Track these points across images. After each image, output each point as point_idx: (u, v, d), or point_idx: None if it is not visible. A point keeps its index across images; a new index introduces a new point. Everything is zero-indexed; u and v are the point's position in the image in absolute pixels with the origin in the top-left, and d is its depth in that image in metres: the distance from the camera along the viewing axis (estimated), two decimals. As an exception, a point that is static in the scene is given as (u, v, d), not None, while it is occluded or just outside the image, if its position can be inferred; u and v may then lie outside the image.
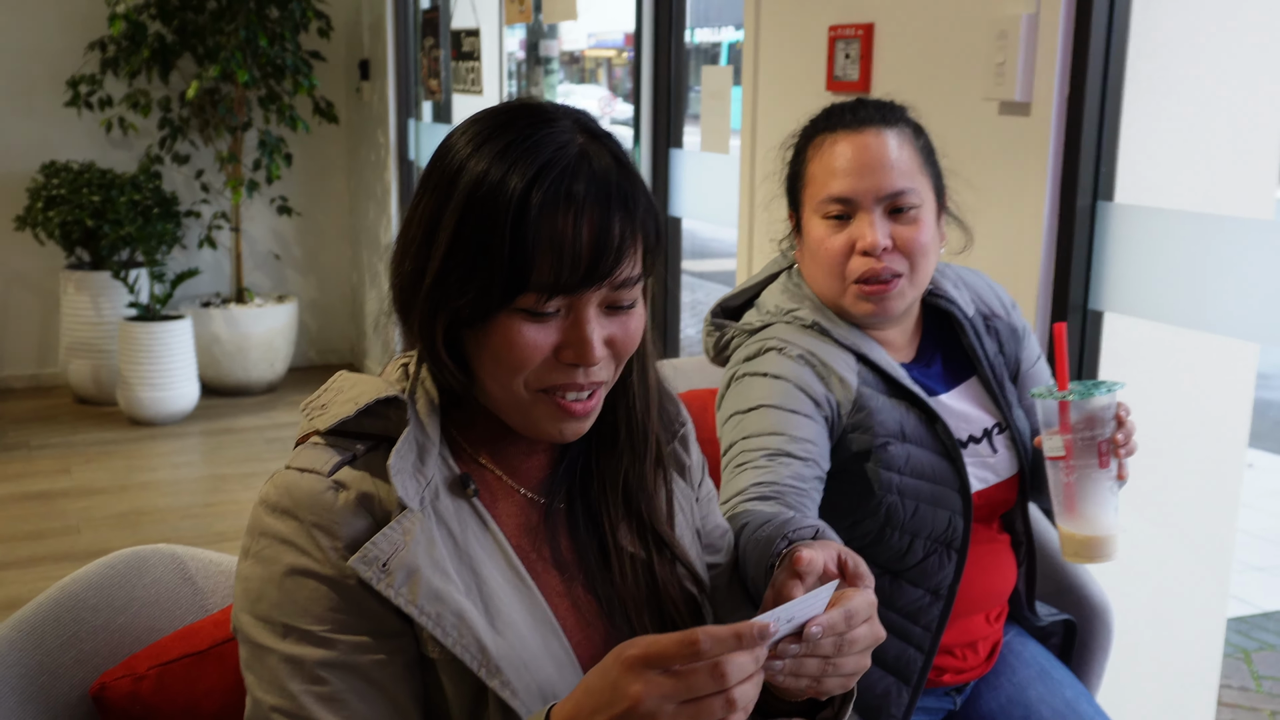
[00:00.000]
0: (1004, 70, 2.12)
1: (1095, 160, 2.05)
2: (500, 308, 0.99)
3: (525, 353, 1.00)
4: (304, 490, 0.99)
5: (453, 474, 1.05)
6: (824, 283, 1.59)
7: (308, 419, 1.06)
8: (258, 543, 1.01)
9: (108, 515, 4.20)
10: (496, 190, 0.97)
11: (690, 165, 3.42)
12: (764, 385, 1.52)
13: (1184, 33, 2.09)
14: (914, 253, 1.54)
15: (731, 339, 1.66)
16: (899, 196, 1.53)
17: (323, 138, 6.01)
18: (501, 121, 1.02)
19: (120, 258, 5.37)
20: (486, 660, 0.98)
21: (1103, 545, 1.39)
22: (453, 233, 0.99)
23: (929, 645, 1.56)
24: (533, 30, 9.53)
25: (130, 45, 5.26)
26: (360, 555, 0.97)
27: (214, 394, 5.62)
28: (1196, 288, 1.95)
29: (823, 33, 2.62)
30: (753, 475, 1.42)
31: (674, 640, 0.83)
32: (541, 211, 0.96)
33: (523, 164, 0.97)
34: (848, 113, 1.58)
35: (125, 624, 1.27)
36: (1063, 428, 1.36)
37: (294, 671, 0.97)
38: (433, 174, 1.03)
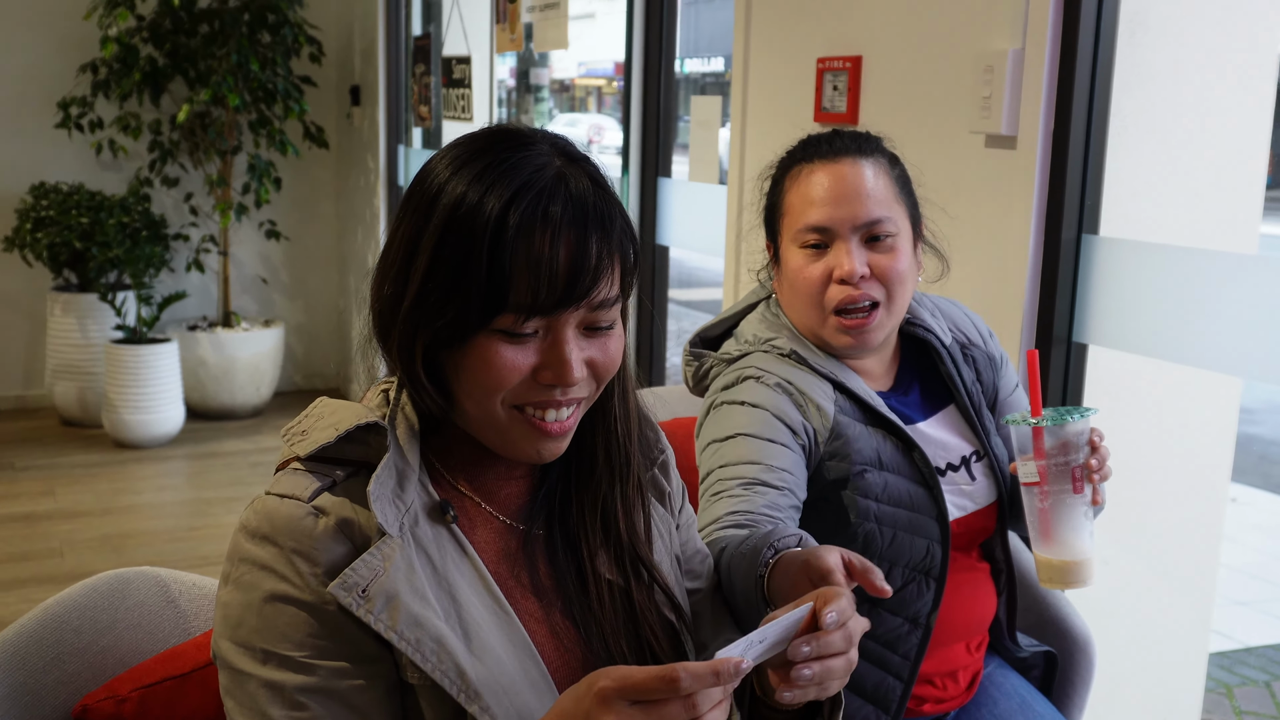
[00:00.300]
0: (990, 104, 2.14)
1: (1080, 193, 2.07)
2: (478, 329, 1.00)
3: (503, 373, 1.01)
4: (283, 516, 1.00)
5: (432, 500, 1.06)
6: (802, 312, 1.60)
7: (288, 445, 1.07)
8: (237, 569, 1.01)
9: (91, 538, 4.18)
10: (474, 212, 0.98)
11: (678, 194, 3.44)
12: (742, 414, 1.53)
13: (1167, 69, 2.11)
14: (891, 281, 1.55)
15: (710, 368, 1.66)
16: (875, 225, 1.55)
17: (312, 162, 6.02)
18: (480, 145, 1.03)
19: (108, 280, 5.36)
20: (466, 686, 0.98)
21: (1078, 571, 1.39)
22: (431, 255, 1.00)
23: (908, 674, 1.56)
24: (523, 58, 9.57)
25: (122, 68, 5.27)
26: (340, 581, 0.97)
27: (199, 418, 5.60)
28: (1180, 321, 1.97)
29: (811, 64, 2.65)
30: (728, 504, 1.42)
31: (653, 675, 0.84)
32: (519, 232, 0.98)
33: (500, 185, 0.99)
34: (824, 143, 1.60)
35: (108, 646, 1.27)
36: (1037, 454, 1.38)
37: (274, 697, 0.97)
38: (412, 197, 1.04)
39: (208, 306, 5.97)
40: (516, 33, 4.13)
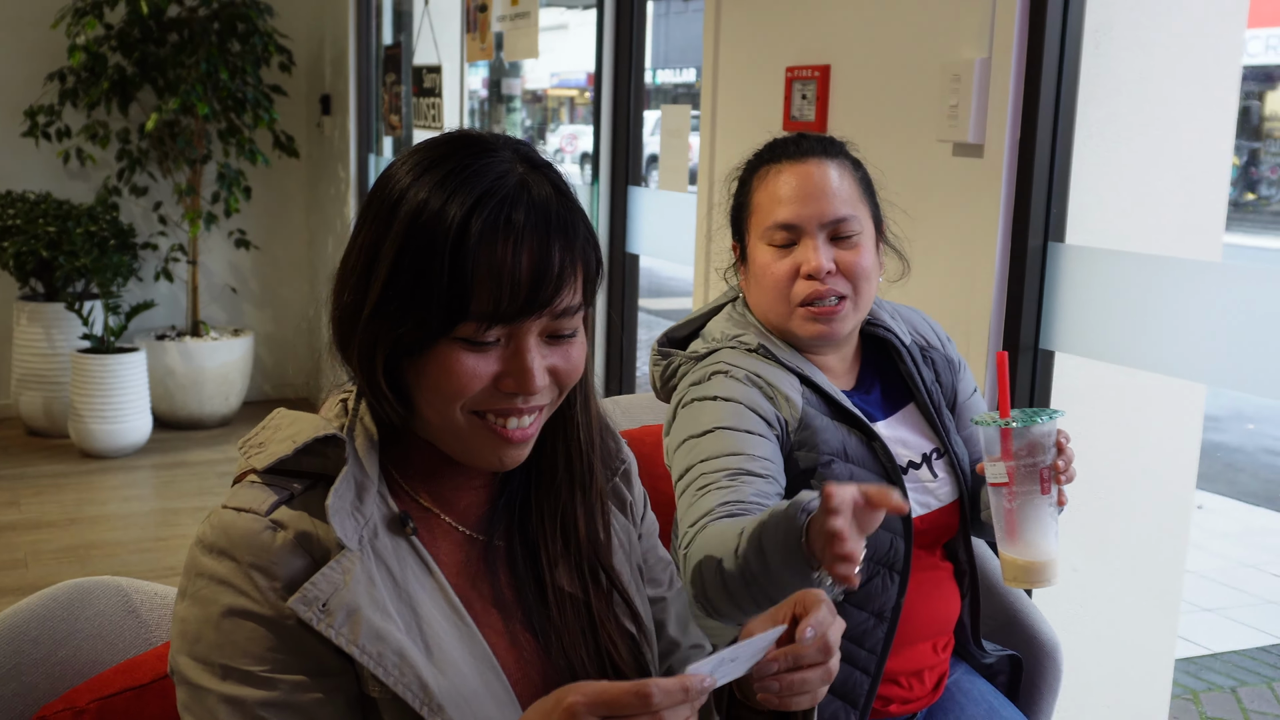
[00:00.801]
0: (957, 112, 2.15)
1: (1046, 201, 2.08)
2: (439, 336, 0.99)
3: (464, 381, 0.99)
4: (240, 530, 0.98)
5: (391, 513, 1.05)
6: (769, 307, 1.63)
7: (245, 457, 1.05)
8: (194, 583, 0.99)
9: (56, 549, 4.14)
10: (436, 219, 0.97)
11: (648, 203, 3.44)
12: (716, 408, 1.54)
13: (1133, 78, 2.13)
14: (856, 276, 1.60)
15: (678, 366, 1.68)
16: (841, 223, 1.59)
17: (282, 172, 5.99)
18: (442, 151, 1.02)
19: (75, 289, 5.32)
20: (429, 699, 0.98)
21: (1043, 570, 1.40)
22: (392, 262, 0.99)
23: (874, 669, 1.57)
24: (495, 68, 9.55)
25: (90, 76, 5.23)
26: (300, 596, 0.96)
27: (167, 427, 5.56)
28: (1146, 328, 1.98)
29: (780, 73, 2.66)
30: (719, 495, 1.43)
31: (625, 690, 0.83)
32: (481, 239, 0.97)
33: (462, 193, 0.98)
34: (791, 145, 1.65)
35: (67, 657, 1.25)
36: (1005, 454, 1.39)
37: (234, 713, 0.95)
38: (373, 204, 1.03)
39: (176, 316, 5.92)
40: (487, 42, 4.13)
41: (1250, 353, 1.86)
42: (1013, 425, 1.37)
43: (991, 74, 2.10)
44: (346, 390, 1.09)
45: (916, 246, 1.85)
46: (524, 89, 17.46)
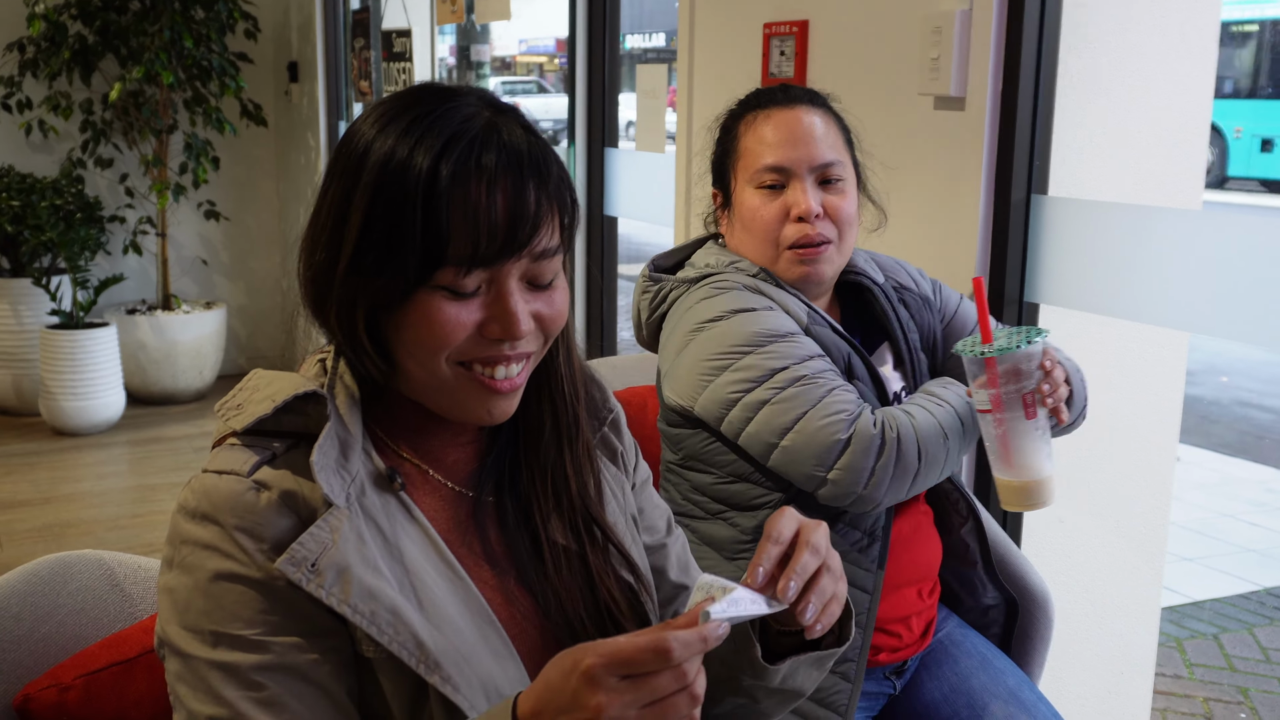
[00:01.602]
0: (939, 65, 2.13)
1: (1029, 154, 2.07)
2: (418, 285, 0.96)
3: (447, 330, 0.97)
4: (223, 493, 0.96)
5: (378, 469, 1.03)
6: (755, 250, 1.67)
7: (223, 420, 1.03)
8: (179, 551, 0.97)
9: (31, 528, 4.09)
10: (405, 166, 0.95)
11: (625, 164, 3.41)
12: (763, 318, 1.57)
13: (1114, 28, 2.12)
14: (842, 221, 1.64)
15: (670, 290, 1.70)
16: (829, 168, 1.64)
17: (251, 141, 5.91)
18: (405, 102, 1.00)
19: (41, 264, 5.24)
20: (425, 656, 0.96)
21: (1037, 491, 1.41)
22: (364, 214, 0.96)
23: (873, 585, 1.60)
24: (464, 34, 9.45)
25: (50, 46, 5.14)
26: (288, 556, 0.94)
27: (140, 403, 5.50)
28: (1129, 278, 1.98)
29: (758, 30, 2.62)
30: (847, 393, 1.54)
31: (642, 648, 0.81)
32: (453, 182, 0.94)
33: (429, 138, 0.96)
34: (778, 93, 1.69)
35: (50, 633, 1.23)
36: (990, 381, 1.39)
37: (228, 678, 0.93)
38: (339, 159, 1.00)
39: (147, 289, 5.85)
40: (457, 4, 4.07)
41: (1231, 300, 1.86)
42: (993, 353, 1.37)
43: (973, 25, 2.07)
44: (324, 351, 1.08)
45: (900, 201, 1.84)
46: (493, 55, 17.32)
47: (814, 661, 1.04)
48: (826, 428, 1.50)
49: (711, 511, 1.65)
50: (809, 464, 1.51)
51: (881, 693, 1.71)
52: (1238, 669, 3.40)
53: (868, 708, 1.70)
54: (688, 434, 1.65)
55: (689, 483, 1.67)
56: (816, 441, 1.50)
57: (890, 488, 1.52)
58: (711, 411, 1.58)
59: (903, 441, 1.51)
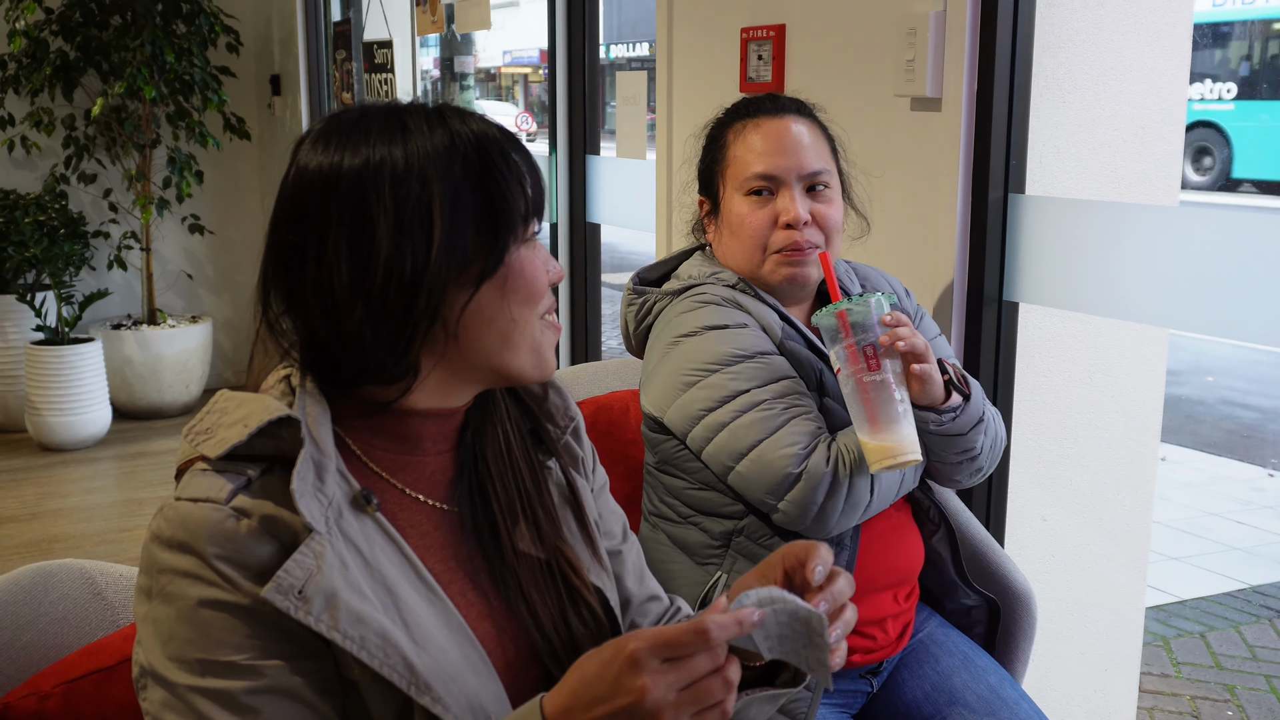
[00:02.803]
0: (914, 67, 2.14)
1: (1005, 153, 2.08)
2: (510, 244, 1.03)
3: (540, 278, 1.05)
4: (199, 520, 0.95)
5: (353, 490, 1.02)
6: (743, 256, 1.69)
7: (191, 444, 1.01)
8: (158, 580, 0.96)
9: (18, 544, 4.07)
10: (452, 147, 1.01)
11: (607, 171, 3.42)
12: (738, 336, 1.60)
13: (1088, 27, 2.13)
14: (829, 228, 1.67)
15: (654, 303, 1.73)
16: (817, 176, 1.66)
17: (234, 154, 5.91)
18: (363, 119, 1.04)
19: (26, 280, 5.22)
20: (416, 678, 0.96)
21: (895, 448, 1.43)
22: (447, 207, 1.00)
23: None
24: (447, 45, 9.46)
25: (31, 62, 5.13)
26: (274, 585, 0.93)
27: (127, 417, 5.48)
28: (1107, 276, 1.99)
29: (735, 34, 2.64)
30: (807, 424, 1.55)
31: (684, 630, 0.85)
32: (506, 145, 1.03)
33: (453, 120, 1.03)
34: (767, 102, 1.72)
35: (31, 641, 1.23)
36: (844, 334, 1.43)
37: (221, 706, 0.93)
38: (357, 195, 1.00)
39: (132, 304, 5.84)
40: (438, 15, 4.08)
41: (1210, 296, 1.87)
42: (842, 307, 1.42)
43: (947, 26, 2.09)
44: (287, 367, 1.07)
45: (877, 202, 1.86)
46: (477, 67, 17.33)
47: (768, 699, 1.05)
48: (779, 460, 1.52)
49: (683, 515, 1.67)
50: (760, 491, 1.54)
51: (858, 691, 1.71)
52: (1225, 667, 3.41)
53: (845, 705, 1.70)
54: (662, 439, 1.68)
55: (664, 486, 1.69)
56: (769, 472, 1.52)
57: (840, 521, 1.55)
58: (678, 425, 1.61)
59: (855, 478, 1.52)
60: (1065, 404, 2.24)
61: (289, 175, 1.04)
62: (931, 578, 1.80)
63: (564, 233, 3.54)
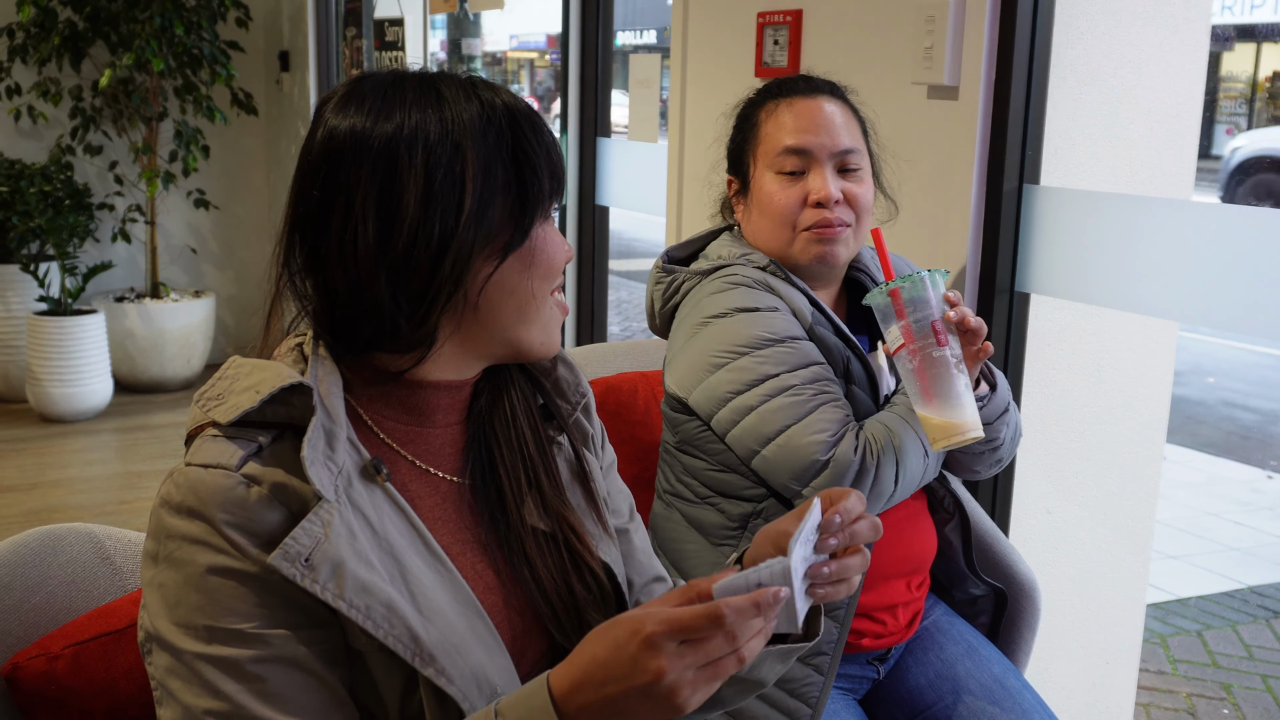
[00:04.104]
0: (932, 54, 2.13)
1: (1021, 143, 2.07)
2: (536, 219, 1.04)
3: (560, 254, 1.07)
4: (210, 487, 0.95)
5: (363, 459, 1.02)
6: (773, 234, 1.67)
7: (203, 410, 1.01)
8: (166, 546, 0.96)
9: (18, 513, 4.07)
10: (490, 117, 1.02)
11: (618, 154, 3.41)
12: (769, 319, 1.59)
13: (1107, 19, 2.12)
14: (860, 207, 1.66)
15: (683, 282, 1.71)
16: (848, 155, 1.66)
17: (241, 130, 5.89)
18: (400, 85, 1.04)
19: (30, 251, 5.21)
20: (420, 649, 0.96)
21: (960, 425, 1.42)
22: (480, 175, 1.00)
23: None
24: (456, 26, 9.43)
25: (40, 32, 5.11)
26: (281, 552, 0.93)
27: (128, 391, 5.48)
28: (1120, 269, 1.98)
29: (751, 19, 2.62)
30: (836, 410, 1.54)
31: (699, 614, 0.84)
32: (533, 120, 1.04)
33: (491, 90, 1.04)
34: (800, 82, 1.71)
35: (40, 604, 1.23)
36: (898, 314, 1.42)
37: (226, 673, 0.92)
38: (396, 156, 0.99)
39: (135, 278, 5.83)
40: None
41: (1221, 291, 1.86)
42: (896, 285, 1.42)
43: (966, 14, 2.08)
44: (301, 335, 1.07)
45: (894, 190, 1.85)
46: (484, 50, 17.28)
47: (780, 654, 1.06)
48: (807, 446, 1.51)
49: (701, 496, 1.66)
50: (785, 477, 1.53)
51: (864, 677, 1.71)
52: (1221, 665, 3.42)
53: (851, 690, 1.71)
54: (684, 419, 1.66)
55: (683, 465, 1.68)
56: (796, 458, 1.51)
57: None
58: (704, 406, 1.60)
59: (881, 468, 1.51)
60: (1073, 397, 2.24)
61: (316, 135, 1.03)
62: (941, 567, 1.80)
63: (572, 215, 3.54)
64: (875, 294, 1.44)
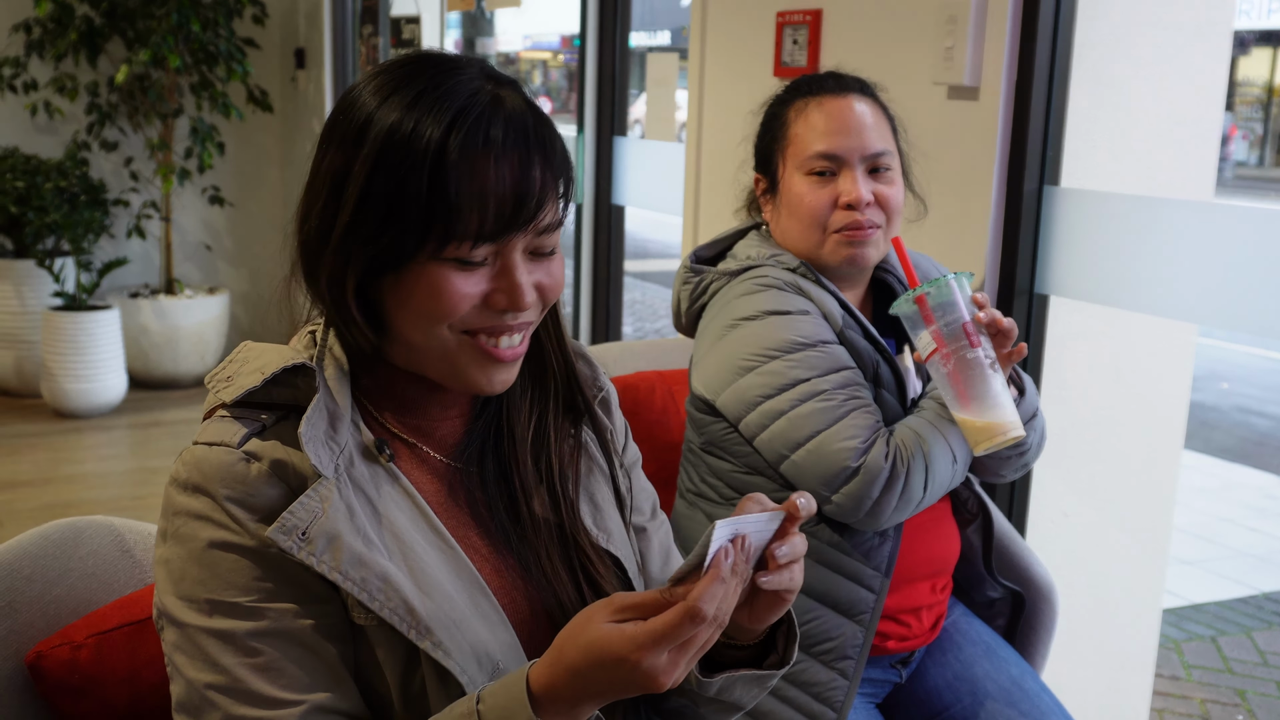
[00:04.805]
0: (953, 54, 2.13)
1: (1042, 144, 2.07)
2: (427, 257, 0.97)
3: (454, 301, 0.98)
4: (213, 464, 0.97)
5: (365, 441, 1.03)
6: (802, 235, 1.66)
7: (213, 392, 1.04)
8: (173, 523, 0.98)
9: (32, 507, 4.09)
10: (410, 139, 0.95)
11: (634, 152, 3.41)
12: (800, 323, 1.57)
13: (1129, 20, 2.11)
14: (891, 208, 1.64)
15: (710, 283, 1.70)
16: (879, 157, 1.64)
17: (256, 127, 5.91)
18: (408, 72, 1.00)
19: (45, 246, 5.23)
20: (416, 622, 0.96)
21: (1001, 426, 1.41)
22: (364, 184, 0.96)
23: (879, 586, 1.58)
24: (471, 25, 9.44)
25: (57, 27, 5.12)
26: (278, 525, 0.94)
27: (142, 386, 5.49)
28: (1140, 271, 1.97)
29: (770, 18, 2.62)
30: (868, 415, 1.53)
31: (677, 621, 0.86)
32: (461, 157, 0.95)
33: (436, 111, 0.96)
34: (830, 80, 1.69)
35: (62, 595, 1.23)
36: (926, 320, 1.42)
37: (225, 646, 0.94)
38: (337, 127, 1.00)
39: (150, 274, 5.84)
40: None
41: (1241, 294, 1.85)
42: (923, 291, 1.41)
43: (988, 14, 2.07)
44: (315, 324, 1.08)
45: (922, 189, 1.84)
46: (498, 50, 17.31)
47: (753, 680, 1.05)
48: (838, 452, 1.50)
49: (725, 497, 1.65)
50: (814, 482, 1.52)
51: (886, 681, 1.71)
52: (1235, 671, 3.40)
53: (872, 694, 1.70)
54: (710, 421, 1.65)
55: (707, 466, 1.67)
56: (826, 463, 1.50)
57: (892, 516, 1.53)
58: (732, 409, 1.59)
59: (911, 475, 1.51)
60: (1091, 400, 2.23)
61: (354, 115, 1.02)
62: (960, 569, 1.79)
63: (588, 215, 3.54)
64: (902, 302, 1.43)
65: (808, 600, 1.56)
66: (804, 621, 1.55)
